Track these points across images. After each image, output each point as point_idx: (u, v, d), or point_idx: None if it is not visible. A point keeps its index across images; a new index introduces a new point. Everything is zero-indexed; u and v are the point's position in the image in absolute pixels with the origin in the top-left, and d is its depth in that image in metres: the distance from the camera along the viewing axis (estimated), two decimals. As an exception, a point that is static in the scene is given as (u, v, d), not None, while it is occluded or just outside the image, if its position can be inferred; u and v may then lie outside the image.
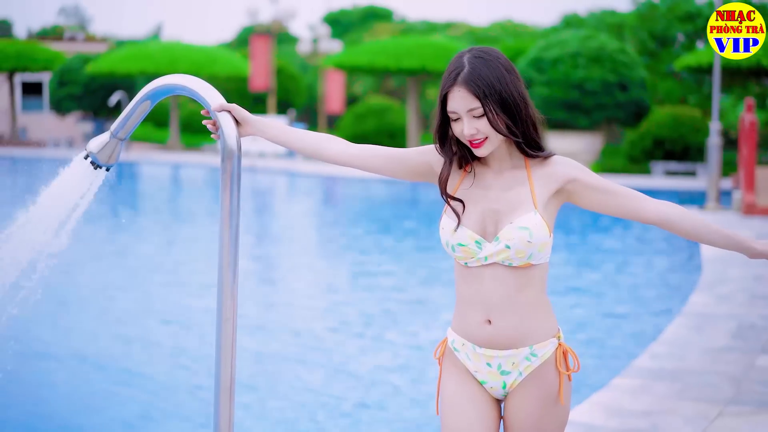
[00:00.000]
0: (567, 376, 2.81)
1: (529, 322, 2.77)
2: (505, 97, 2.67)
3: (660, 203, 2.79)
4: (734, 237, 2.77)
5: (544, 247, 2.73)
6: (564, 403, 2.81)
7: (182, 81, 2.90)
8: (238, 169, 2.89)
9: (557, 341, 2.81)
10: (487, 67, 2.68)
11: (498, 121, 2.66)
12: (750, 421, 5.24)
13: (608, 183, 2.78)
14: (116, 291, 10.27)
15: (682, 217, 2.77)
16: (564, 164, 2.77)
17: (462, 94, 2.66)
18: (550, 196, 2.75)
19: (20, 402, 6.30)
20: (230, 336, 2.92)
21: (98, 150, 3.08)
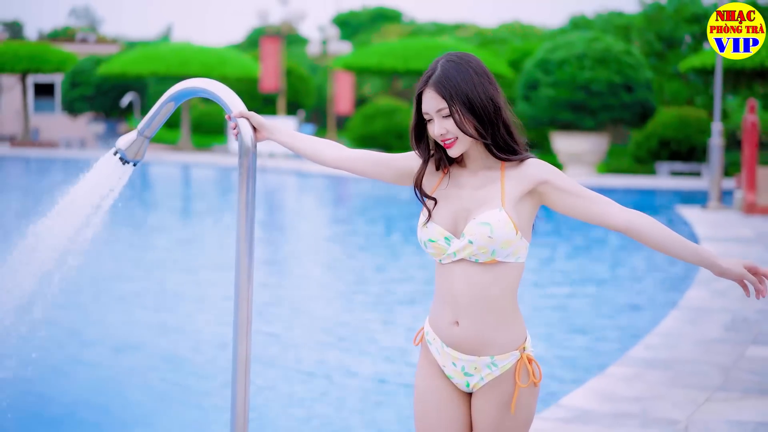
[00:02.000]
0: (533, 383, 2.89)
1: (492, 331, 2.84)
2: (472, 99, 2.79)
3: (629, 212, 2.81)
4: (701, 252, 2.76)
5: (509, 245, 2.80)
6: (517, 413, 2.88)
7: (207, 86, 3.20)
8: (253, 166, 3.19)
9: (519, 354, 2.87)
10: (456, 70, 2.81)
11: (464, 122, 2.78)
12: (736, 405, 5.52)
13: (580, 188, 2.84)
14: (136, 281, 10.58)
15: (650, 228, 2.79)
16: (537, 167, 2.86)
17: (431, 95, 2.82)
18: (521, 196, 2.84)
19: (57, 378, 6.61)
20: (246, 315, 3.21)
21: (126, 147, 3.39)
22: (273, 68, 31.11)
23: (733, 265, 2.70)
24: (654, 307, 9.40)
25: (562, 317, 9.22)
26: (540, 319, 9.02)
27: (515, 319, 2.88)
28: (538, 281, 11.14)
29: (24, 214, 17.79)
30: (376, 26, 56.10)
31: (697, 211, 16.09)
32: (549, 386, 6.84)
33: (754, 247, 12.08)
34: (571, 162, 25.29)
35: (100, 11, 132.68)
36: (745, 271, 2.69)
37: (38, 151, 32.79)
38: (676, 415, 5.32)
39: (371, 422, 6.19)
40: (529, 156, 2.89)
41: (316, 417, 6.27)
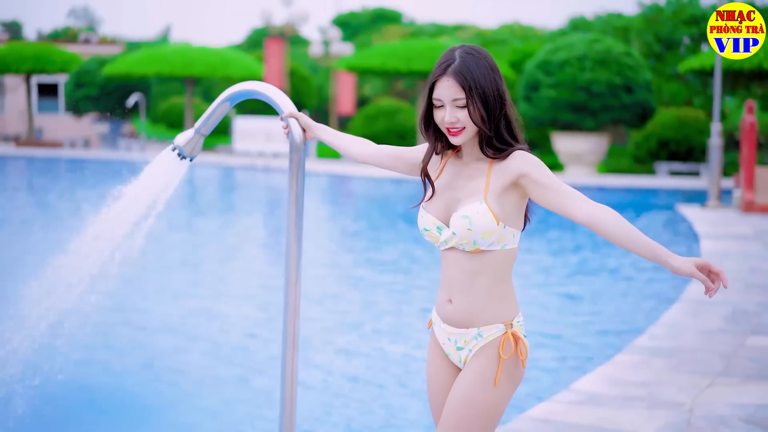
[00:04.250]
0: (521, 361, 3.02)
1: (480, 306, 3.00)
2: (487, 93, 2.92)
3: (594, 206, 2.89)
4: (656, 251, 2.81)
5: (489, 235, 2.94)
6: (499, 385, 3.00)
7: (260, 88, 3.52)
8: (302, 161, 3.52)
9: (504, 327, 3.01)
10: (476, 63, 2.93)
11: (476, 114, 2.91)
12: (737, 390, 5.84)
13: (555, 182, 2.94)
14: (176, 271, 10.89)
15: (613, 223, 2.85)
16: (519, 159, 2.96)
17: (449, 84, 2.93)
18: (504, 188, 2.96)
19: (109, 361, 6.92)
20: (294, 296, 3.54)
21: (184, 143, 3.72)
22: (276, 69, 31.42)
23: (684, 264, 2.75)
24: (658, 300, 9.74)
25: (571, 307, 9.54)
26: (549, 309, 9.35)
27: (504, 298, 3.03)
28: (548, 272, 11.46)
29: (44, 210, 18.00)
30: (376, 27, 56.36)
31: (696, 209, 16.42)
32: (559, 372, 7.18)
33: (752, 243, 12.41)
34: (572, 162, 25.61)
35: (99, 11, 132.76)
36: (695, 270, 2.74)
37: (43, 151, 33.07)
38: (681, 398, 5.64)
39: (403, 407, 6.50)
40: (515, 148, 2.98)
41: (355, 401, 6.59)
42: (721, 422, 5.21)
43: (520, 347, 3.03)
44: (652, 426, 5.14)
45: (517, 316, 3.07)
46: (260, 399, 6.62)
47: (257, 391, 6.83)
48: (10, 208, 18.52)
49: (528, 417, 5.32)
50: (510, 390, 3.04)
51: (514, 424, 5.21)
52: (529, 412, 5.40)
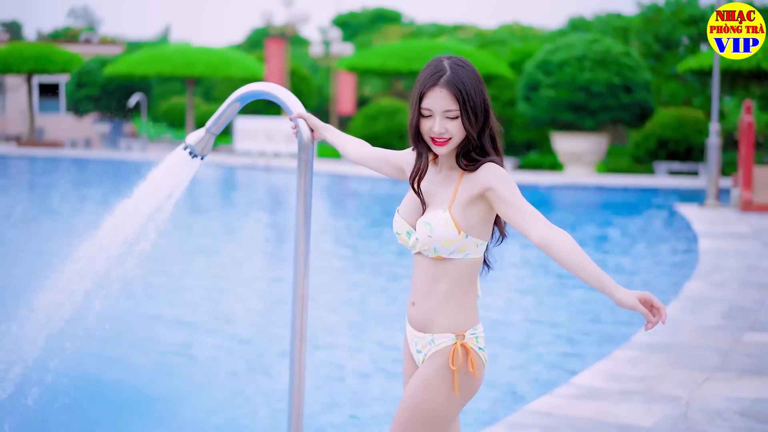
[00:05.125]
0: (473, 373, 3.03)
1: (436, 313, 3.05)
2: (477, 106, 2.96)
3: (550, 231, 2.88)
4: (603, 282, 2.82)
5: (450, 244, 2.98)
6: (445, 393, 3.02)
7: (270, 89, 3.63)
8: (311, 160, 3.63)
9: (455, 338, 3.03)
10: (467, 76, 2.96)
11: (469, 125, 2.95)
12: (733, 384, 5.96)
13: (518, 200, 2.93)
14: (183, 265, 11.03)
15: (566, 250, 2.85)
16: (488, 172, 2.97)
17: (443, 95, 2.94)
18: (471, 200, 2.98)
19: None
20: (303, 291, 3.65)
21: (196, 142, 3.83)
22: (277, 69, 31.53)
23: (628, 297, 2.78)
24: (657, 296, 9.85)
25: (570, 304, 9.66)
26: (549, 305, 9.48)
27: (461, 308, 3.05)
28: (548, 270, 11.59)
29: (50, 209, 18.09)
30: (375, 27, 56.49)
31: (695, 208, 16.55)
32: (558, 367, 7.30)
33: (750, 242, 12.53)
34: (571, 162, 25.74)
35: (98, 11, 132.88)
36: (637, 303, 2.76)
37: (45, 151, 33.19)
38: (678, 392, 5.76)
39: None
40: (487, 161, 3.00)
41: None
42: (717, 415, 5.33)
43: (471, 359, 3.02)
44: (650, 419, 5.26)
45: (473, 329, 3.07)
46: (269, 392, 6.74)
47: (266, 383, 6.96)
48: (14, 207, 18.64)
49: (528, 410, 5.43)
50: (456, 400, 3.04)
51: (515, 417, 5.32)
52: (530, 406, 5.52)
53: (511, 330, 8.65)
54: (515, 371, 7.30)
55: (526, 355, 7.80)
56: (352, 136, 3.66)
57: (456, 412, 3.08)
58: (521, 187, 3.09)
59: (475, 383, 3.08)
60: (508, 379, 7.08)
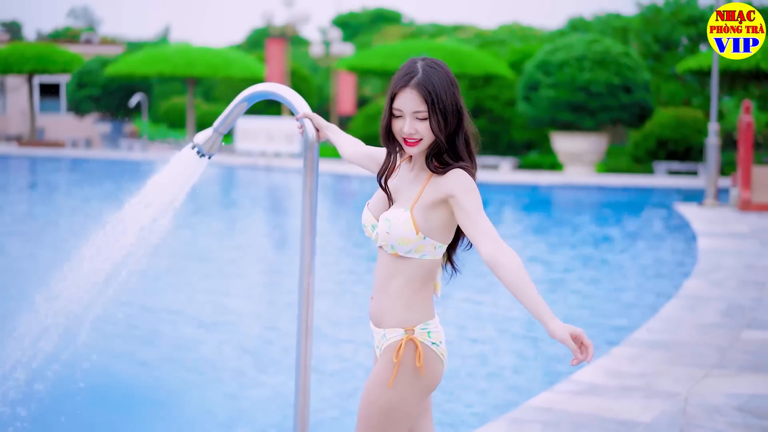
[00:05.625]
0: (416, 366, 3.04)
1: (389, 308, 3.08)
2: (447, 108, 2.97)
3: (499, 250, 2.88)
4: (542, 310, 2.83)
5: (407, 243, 3.01)
6: (393, 388, 3.04)
7: (276, 89, 3.71)
8: (316, 158, 3.71)
9: (404, 333, 3.05)
10: (438, 77, 2.98)
11: (437, 127, 2.97)
12: (731, 381, 6.04)
13: (475, 212, 2.94)
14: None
15: (511, 273, 2.85)
16: (453, 179, 2.99)
17: (412, 96, 2.97)
18: (433, 203, 3.00)
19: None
20: (308, 287, 3.73)
21: (203, 142, 3.90)
22: (278, 69, 31.61)
23: (560, 330, 2.78)
24: (655, 295, 9.94)
25: (572, 302, 9.74)
26: (551, 303, 9.54)
27: (411, 305, 3.06)
28: (548, 267, 11.66)
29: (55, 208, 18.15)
30: (375, 27, 56.57)
31: (694, 208, 16.62)
32: (559, 363, 7.38)
33: (748, 241, 12.61)
34: (571, 161, 25.81)
35: (98, 11, 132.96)
36: (568, 338, 2.76)
37: (46, 151, 33.26)
38: (677, 389, 5.83)
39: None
40: (457, 166, 3.01)
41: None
42: (715, 411, 5.40)
43: (420, 353, 3.03)
44: (649, 415, 5.34)
45: (423, 324, 3.08)
46: (276, 386, 6.82)
47: (272, 380, 7.03)
48: (14, 207, 18.71)
49: (529, 406, 5.51)
50: (410, 395, 3.05)
51: (515, 412, 5.40)
52: (531, 402, 5.59)
53: (512, 327, 8.73)
54: (516, 368, 7.38)
55: (526, 352, 7.87)
56: (352, 136, 3.74)
57: (413, 408, 3.07)
58: (521, 186, 3.16)
59: (429, 378, 3.07)
60: (508, 376, 7.16)
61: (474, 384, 7.01)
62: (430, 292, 3.11)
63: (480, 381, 7.09)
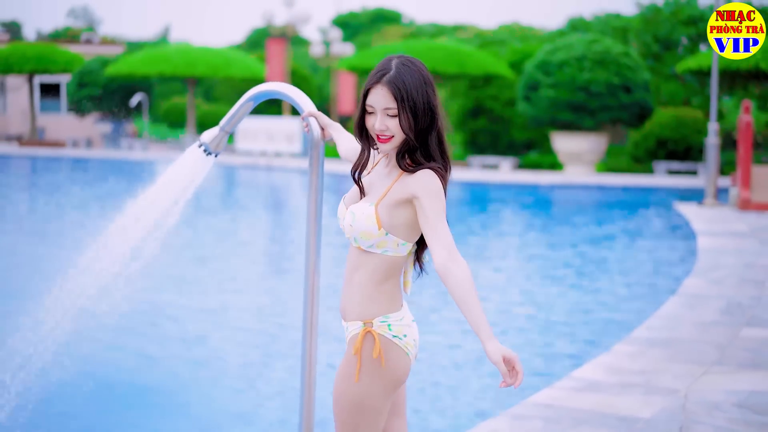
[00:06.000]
0: (374, 359, 3.03)
1: (351, 301, 3.10)
2: (417, 106, 3.00)
3: (452, 262, 2.90)
4: (482, 328, 2.85)
5: (369, 237, 3.03)
6: (358, 381, 3.05)
7: (282, 89, 3.76)
8: (322, 156, 3.77)
9: (363, 326, 3.06)
10: (410, 75, 3.01)
11: (406, 124, 3.00)
12: (731, 378, 6.09)
13: (435, 218, 2.95)
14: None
15: (459, 287, 2.88)
16: (419, 180, 3.00)
17: (383, 93, 3.01)
18: (399, 201, 3.02)
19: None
20: (313, 281, 3.78)
21: (210, 140, 3.96)
22: (278, 69, 31.67)
23: (494, 352, 2.80)
24: (655, 293, 10.00)
25: (572, 300, 9.79)
26: (552, 302, 9.61)
27: (374, 299, 3.06)
28: (548, 266, 11.72)
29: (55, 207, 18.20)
30: (375, 27, 56.63)
31: (694, 207, 16.68)
32: (559, 361, 7.44)
33: (748, 240, 12.67)
34: (571, 161, 25.87)
35: (98, 11, 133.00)
36: (500, 361, 2.79)
37: (46, 151, 33.32)
38: (676, 385, 5.89)
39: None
40: (428, 167, 3.02)
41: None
42: (714, 407, 5.46)
43: (379, 346, 3.03)
44: (649, 411, 5.39)
45: (383, 316, 3.07)
46: (281, 383, 6.88)
47: (278, 376, 7.10)
48: (16, 207, 18.76)
49: (530, 402, 5.56)
50: (374, 388, 3.05)
51: (517, 409, 5.45)
52: (532, 398, 5.65)
53: (514, 324, 8.79)
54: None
55: (528, 349, 7.93)
56: (352, 135, 3.79)
57: (379, 401, 3.06)
58: (522, 186, 3.20)
59: (393, 371, 3.07)
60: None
61: (476, 380, 7.07)
62: (395, 287, 3.10)
63: (482, 377, 7.15)
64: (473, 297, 2.87)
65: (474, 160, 27.94)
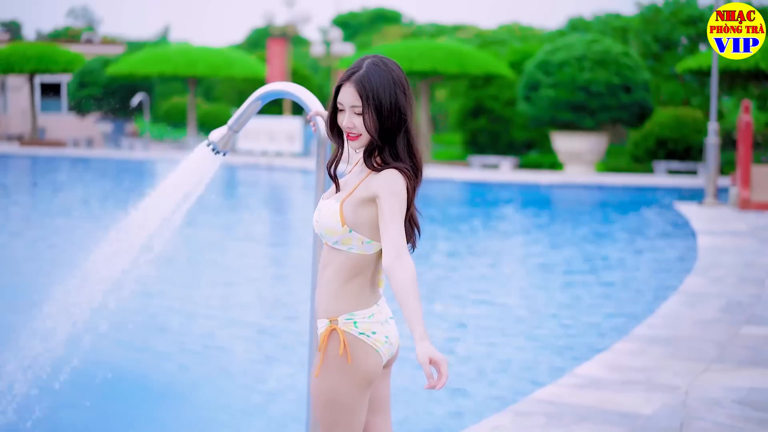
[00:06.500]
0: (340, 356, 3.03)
1: (320, 300, 3.12)
2: (383, 105, 3.02)
3: (398, 261, 2.92)
4: (416, 328, 2.88)
5: (333, 234, 3.06)
6: (325, 377, 3.07)
7: (289, 88, 3.83)
8: (327, 154, 3.83)
9: (329, 323, 3.08)
10: (378, 75, 3.03)
11: (371, 123, 3.03)
12: (731, 375, 6.15)
13: (390, 217, 2.97)
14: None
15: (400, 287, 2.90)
16: (381, 180, 3.03)
17: (350, 91, 3.04)
18: (363, 199, 3.04)
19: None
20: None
21: (218, 139, 4.03)
22: (279, 69, 31.73)
23: (422, 353, 2.82)
24: (656, 291, 10.06)
25: (573, 298, 9.85)
26: (553, 300, 9.67)
27: (340, 296, 3.07)
28: (549, 265, 11.78)
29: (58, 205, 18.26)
30: (375, 27, 56.69)
31: (694, 207, 16.75)
32: (561, 358, 7.50)
33: (747, 239, 12.73)
34: (571, 161, 25.93)
35: (98, 11, 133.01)
36: (426, 362, 2.81)
37: (47, 150, 33.37)
38: (677, 382, 5.95)
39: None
40: (393, 166, 3.05)
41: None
42: (715, 404, 5.52)
43: (344, 343, 3.03)
44: (651, 407, 5.45)
45: (349, 314, 3.07)
46: (289, 379, 6.94)
47: (286, 371, 7.17)
48: (17, 206, 18.82)
49: (533, 399, 5.63)
50: (344, 385, 3.07)
51: (520, 405, 5.52)
52: (534, 395, 5.71)
53: (515, 321, 8.84)
54: (520, 362, 7.49)
55: (530, 347, 7.99)
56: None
57: (351, 399, 3.08)
58: (522, 186, 3.24)
59: (362, 368, 3.07)
60: (511, 370, 7.27)
61: (480, 377, 7.13)
62: (363, 285, 3.10)
63: (486, 374, 7.21)
64: (413, 298, 2.89)
65: (474, 159, 28.01)
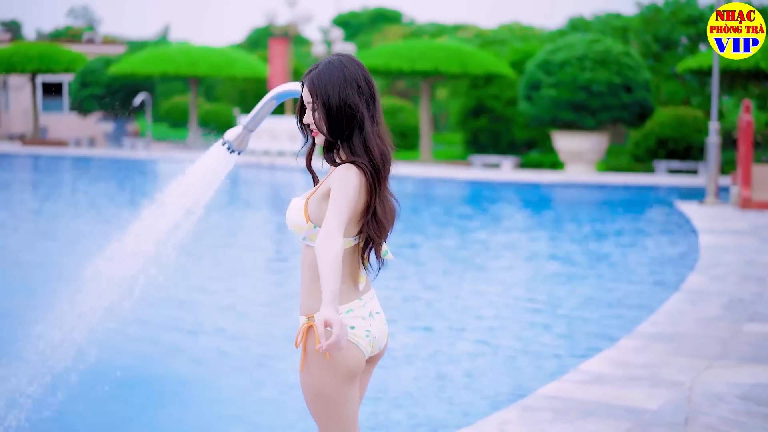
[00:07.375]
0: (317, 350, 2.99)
1: (302, 297, 3.18)
2: (331, 102, 3.08)
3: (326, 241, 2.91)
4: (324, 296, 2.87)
5: (300, 230, 3.13)
6: (308, 371, 3.11)
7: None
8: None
9: (306, 319, 3.14)
10: (329, 72, 3.10)
11: (319, 118, 3.11)
12: (733, 371, 6.24)
13: (333, 202, 2.99)
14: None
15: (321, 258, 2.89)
16: (335, 173, 3.07)
17: (305, 88, 3.16)
18: (325, 194, 3.10)
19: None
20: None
21: (234, 138, 4.10)
22: (281, 69, 31.80)
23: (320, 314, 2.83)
24: (658, 289, 10.13)
25: (576, 297, 9.93)
26: (557, 298, 9.75)
27: (314, 293, 3.12)
28: (551, 265, 11.85)
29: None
30: (376, 27, 56.72)
31: (695, 206, 16.83)
32: (566, 355, 7.58)
33: (748, 238, 12.81)
34: (572, 160, 26.00)
35: (98, 11, 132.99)
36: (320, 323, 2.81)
37: (49, 150, 33.44)
38: (681, 378, 6.03)
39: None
40: (350, 160, 3.09)
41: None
42: (718, 399, 5.60)
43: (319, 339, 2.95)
44: (656, 402, 5.53)
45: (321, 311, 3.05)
46: (287, 378, 7.01)
47: (294, 367, 7.23)
48: (19, 206, 18.89)
49: (539, 395, 5.71)
50: (328, 379, 3.10)
51: (526, 400, 5.60)
52: (540, 391, 5.79)
53: (521, 320, 8.92)
54: (524, 360, 7.57)
55: (534, 343, 8.07)
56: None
57: (337, 392, 3.10)
58: (523, 185, 3.31)
59: (342, 362, 3.09)
60: (517, 367, 7.35)
61: (487, 372, 7.20)
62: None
63: (493, 369, 7.28)
64: (331, 272, 2.86)
65: (475, 159, 28.08)
